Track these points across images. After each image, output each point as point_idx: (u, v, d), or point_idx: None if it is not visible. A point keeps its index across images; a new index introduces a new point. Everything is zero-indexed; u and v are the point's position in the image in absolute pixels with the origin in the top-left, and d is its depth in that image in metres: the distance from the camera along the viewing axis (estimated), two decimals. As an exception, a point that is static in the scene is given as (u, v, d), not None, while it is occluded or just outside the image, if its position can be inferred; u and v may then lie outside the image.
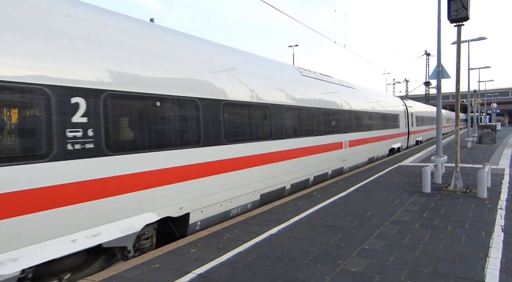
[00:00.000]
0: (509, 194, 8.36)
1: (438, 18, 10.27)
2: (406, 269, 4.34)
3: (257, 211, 7.29)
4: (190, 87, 5.84)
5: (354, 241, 5.38)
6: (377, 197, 8.38)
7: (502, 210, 6.99)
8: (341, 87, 12.57)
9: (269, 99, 8.07)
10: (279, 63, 9.62)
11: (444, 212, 6.91)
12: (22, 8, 3.94)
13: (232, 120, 6.82)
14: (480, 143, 24.42)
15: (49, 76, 3.99)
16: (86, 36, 4.46)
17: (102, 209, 4.47)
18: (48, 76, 3.98)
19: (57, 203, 4.03)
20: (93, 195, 4.37)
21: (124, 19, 5.28)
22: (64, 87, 4.11)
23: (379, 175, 11.70)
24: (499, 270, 4.26)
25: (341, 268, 4.41)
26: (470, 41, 20.34)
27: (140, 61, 5.07)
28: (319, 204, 7.75)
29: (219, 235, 5.79)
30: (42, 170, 3.88)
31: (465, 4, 8.50)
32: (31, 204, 3.80)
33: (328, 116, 10.86)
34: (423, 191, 8.86)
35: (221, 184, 6.48)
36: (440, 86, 10.42)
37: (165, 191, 5.34)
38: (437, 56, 10.52)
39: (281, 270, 4.38)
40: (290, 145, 8.80)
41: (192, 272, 4.38)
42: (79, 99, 4.24)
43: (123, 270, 4.47)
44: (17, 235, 3.70)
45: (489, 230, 5.74)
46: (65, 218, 4.10)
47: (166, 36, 5.82)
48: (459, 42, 9.08)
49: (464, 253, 4.82)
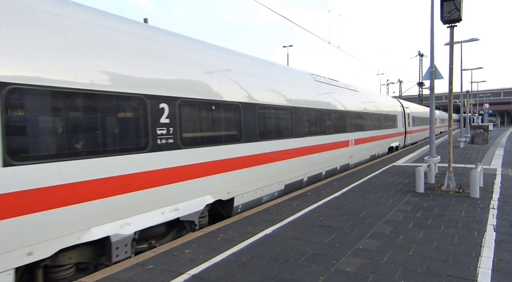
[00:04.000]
0: (501, 194, 8.45)
1: (431, 20, 10.35)
2: (399, 268, 4.37)
3: (252, 211, 7.29)
4: (234, 95, 7.09)
5: (348, 241, 5.40)
6: (371, 197, 8.42)
7: (494, 209, 7.06)
8: (347, 91, 13.66)
9: (292, 103, 9.23)
10: (296, 70, 10.72)
11: (437, 212, 6.96)
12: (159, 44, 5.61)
13: (263, 121, 8.01)
14: (472, 143, 24.64)
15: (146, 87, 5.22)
16: (174, 59, 5.79)
17: (180, 190, 5.71)
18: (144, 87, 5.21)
19: (154, 184, 5.25)
20: (175, 179, 5.61)
21: (198, 43, 6.69)
22: (156, 96, 5.32)
23: (373, 175, 11.76)
24: (491, 269, 4.30)
25: (335, 268, 4.42)
26: (463, 42, 20.51)
27: (204, 77, 6.41)
28: (313, 204, 7.77)
29: (214, 235, 5.77)
30: (145, 158, 5.16)
31: (458, 5, 8.58)
32: (141, 183, 5.05)
33: (337, 117, 11.96)
34: (417, 191, 8.92)
35: (256, 174, 7.70)
36: (433, 87, 10.50)
37: (219, 178, 6.59)
38: (430, 57, 10.60)
39: (275, 271, 4.38)
40: (308, 142, 9.94)
41: (186, 273, 4.36)
42: (164, 105, 5.44)
43: (116, 271, 4.44)
44: (131, 206, 4.95)
45: (482, 230, 5.80)
46: (157, 195, 5.32)
47: (230, 56, 7.40)
48: (452, 43, 9.16)
49: (457, 252, 4.86)
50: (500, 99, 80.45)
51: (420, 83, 46.92)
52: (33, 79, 3.89)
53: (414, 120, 26.19)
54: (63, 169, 4.12)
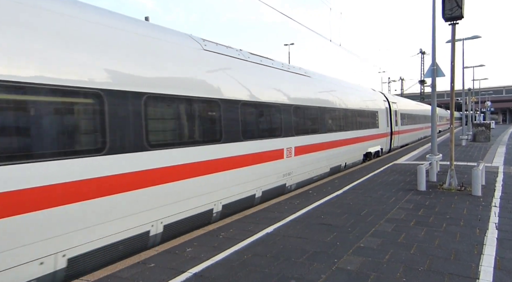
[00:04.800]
0: (503, 192, 8.43)
1: (433, 17, 10.31)
2: (401, 266, 4.36)
3: (253, 209, 7.29)
4: (289, 98, 8.28)
5: (349, 239, 5.40)
6: (372, 195, 8.41)
7: (496, 207, 7.04)
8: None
9: (323, 104, 10.83)
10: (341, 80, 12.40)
11: (439, 210, 6.95)
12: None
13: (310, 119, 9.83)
14: (474, 141, 24.57)
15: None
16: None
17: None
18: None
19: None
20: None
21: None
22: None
23: (374, 173, 11.74)
24: (493, 267, 4.29)
25: (337, 266, 4.42)
26: (465, 40, 20.42)
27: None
28: (315, 203, 7.76)
29: (215, 233, 5.78)
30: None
31: (460, 2, 8.54)
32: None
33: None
34: (418, 189, 8.91)
35: (312, 159, 9.91)
36: (435, 84, 10.47)
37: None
38: (432, 54, 10.56)
39: (276, 269, 4.38)
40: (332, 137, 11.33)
41: (187, 271, 4.37)
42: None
43: (118, 269, 4.45)
44: (215, 186, 6.32)
45: (483, 228, 5.78)
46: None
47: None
48: (454, 41, 9.12)
49: (458, 250, 4.84)
50: (502, 97, 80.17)
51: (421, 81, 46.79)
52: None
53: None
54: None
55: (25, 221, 3.74)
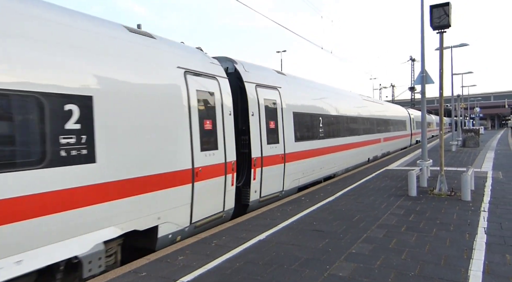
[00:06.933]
0: (491, 197, 8.55)
1: (421, 25, 10.51)
2: (392, 272, 4.39)
3: (246, 216, 7.29)
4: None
5: (341, 245, 5.43)
6: (364, 201, 8.46)
7: (485, 212, 7.14)
8: (377, 104, 19.42)
9: (361, 113, 15.82)
10: (357, 95, 17.29)
11: (430, 215, 7.02)
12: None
13: (344, 125, 13.56)
14: (464, 146, 24.90)
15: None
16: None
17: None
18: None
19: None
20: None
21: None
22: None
23: (366, 179, 11.83)
24: (482, 271, 4.35)
25: (329, 272, 4.44)
26: (453, 48, 20.81)
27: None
28: (307, 209, 7.79)
29: (207, 241, 5.76)
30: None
31: (447, 11, 8.73)
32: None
33: (375, 122, 17.52)
34: (409, 195, 8.99)
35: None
36: (425, 91, 10.63)
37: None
38: (421, 62, 10.73)
39: (269, 276, 4.38)
40: (363, 138, 15.74)
41: (179, 279, 4.34)
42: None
43: (109, 279, 4.41)
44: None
45: (473, 232, 5.86)
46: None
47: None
48: (442, 49, 9.30)
49: (448, 255, 4.90)
50: (490, 103, 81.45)
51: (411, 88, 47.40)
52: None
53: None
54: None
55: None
